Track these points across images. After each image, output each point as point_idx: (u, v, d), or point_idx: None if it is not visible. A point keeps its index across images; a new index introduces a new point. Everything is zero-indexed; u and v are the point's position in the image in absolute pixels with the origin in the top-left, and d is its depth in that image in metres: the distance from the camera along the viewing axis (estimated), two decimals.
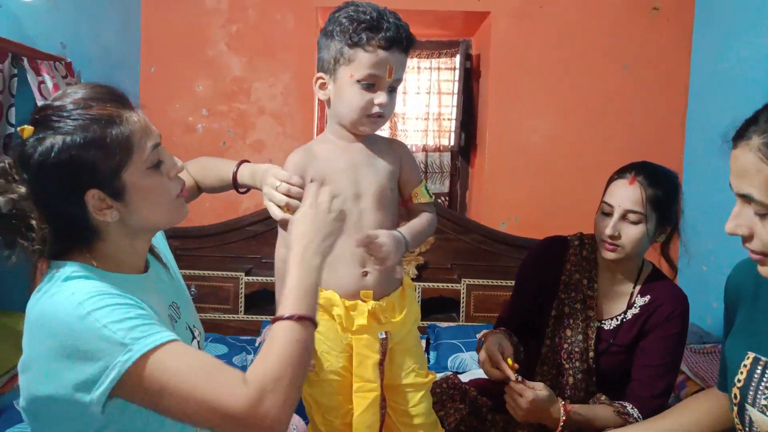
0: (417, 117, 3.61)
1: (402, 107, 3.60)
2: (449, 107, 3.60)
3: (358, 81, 1.28)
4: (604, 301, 1.60)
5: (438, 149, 3.56)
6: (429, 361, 2.46)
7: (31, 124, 0.93)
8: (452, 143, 3.49)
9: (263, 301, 2.74)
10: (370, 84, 1.28)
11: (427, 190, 1.47)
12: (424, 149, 3.54)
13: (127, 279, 0.99)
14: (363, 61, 1.26)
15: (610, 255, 1.50)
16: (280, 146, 2.98)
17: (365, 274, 1.34)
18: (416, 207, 1.45)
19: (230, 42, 2.95)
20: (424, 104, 3.62)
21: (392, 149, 1.45)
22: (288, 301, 0.95)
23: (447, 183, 3.56)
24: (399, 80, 1.34)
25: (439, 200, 3.54)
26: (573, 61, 2.92)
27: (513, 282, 1.79)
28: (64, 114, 0.91)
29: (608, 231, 1.47)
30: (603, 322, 1.58)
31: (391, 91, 1.33)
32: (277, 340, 0.90)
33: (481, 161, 3.12)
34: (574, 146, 2.94)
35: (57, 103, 0.93)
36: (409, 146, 3.40)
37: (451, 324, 2.70)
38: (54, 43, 2.12)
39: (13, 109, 1.77)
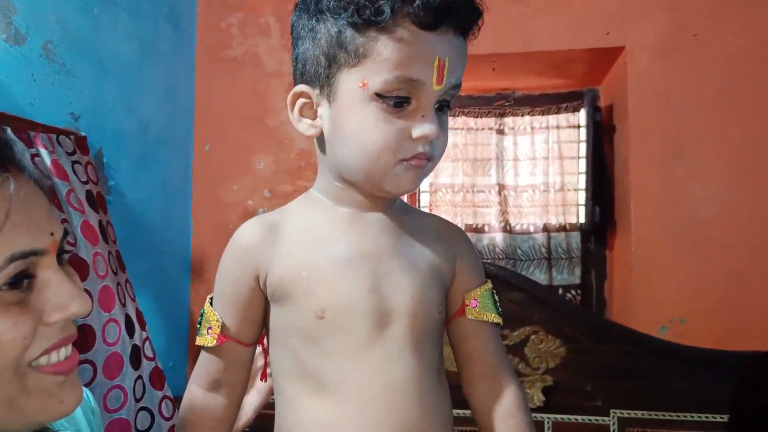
0: (534, 189, 3.12)
1: (513, 178, 3.12)
2: (574, 174, 3.09)
3: (379, 95, 0.77)
4: None
5: (563, 228, 3.03)
6: None
7: None
8: (582, 220, 2.95)
9: None
10: (401, 99, 0.78)
11: (495, 301, 0.93)
12: (546, 229, 3.02)
13: None
14: (386, 53, 0.76)
15: None
16: None
17: None
18: (468, 332, 0.92)
19: None
20: (542, 173, 3.12)
21: (441, 234, 0.94)
22: None
23: (577, 272, 2.99)
24: (457, 89, 0.83)
25: (569, 294, 2.96)
26: (745, 102, 2.35)
27: (693, 416, 1.22)
28: None
29: None
30: None
31: (441, 109, 0.83)
32: None
33: (625, 242, 2.56)
34: (762, 216, 2.32)
35: None
36: (526, 226, 2.75)
37: None
38: (60, 114, 1.83)
39: None
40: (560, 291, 2.93)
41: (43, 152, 1.62)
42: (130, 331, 1.84)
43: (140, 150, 2.29)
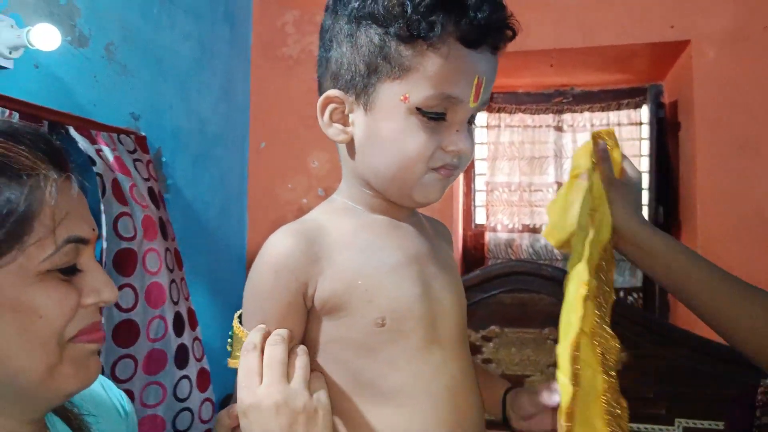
0: None
1: None
2: None
3: (420, 110, 0.77)
4: None
5: None
6: None
7: None
8: None
9: None
10: (439, 114, 0.78)
11: None
12: None
13: None
14: (432, 69, 0.75)
15: None
16: None
17: None
18: None
19: None
20: None
21: (445, 235, 0.99)
22: None
23: (639, 274, 2.90)
24: (485, 105, 0.83)
25: (630, 297, 2.88)
26: None
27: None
28: None
29: None
30: None
31: (470, 122, 0.84)
32: None
33: (691, 242, 2.47)
34: None
35: None
36: None
37: None
38: (120, 114, 1.87)
39: None
40: (621, 294, 2.85)
41: (106, 149, 1.66)
42: (179, 330, 1.86)
43: (198, 149, 2.32)
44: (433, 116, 0.77)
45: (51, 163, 0.66)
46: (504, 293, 2.27)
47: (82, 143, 1.58)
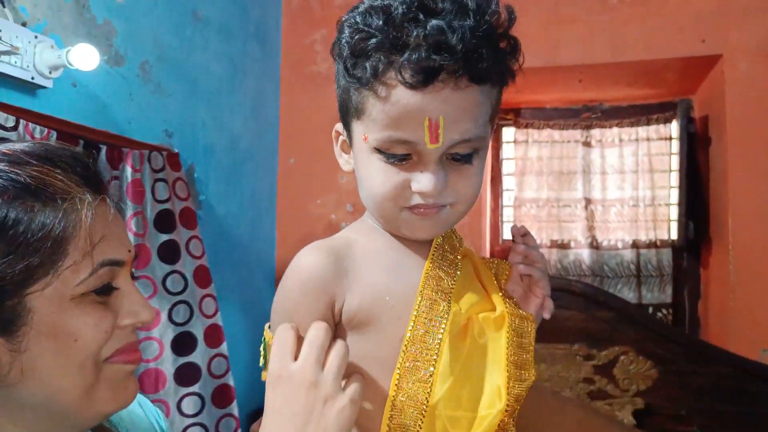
0: (622, 203, 3.02)
1: (600, 192, 3.03)
2: (665, 188, 2.97)
3: (379, 150, 0.75)
4: None
5: (654, 245, 2.90)
6: None
7: None
8: (674, 236, 2.83)
9: None
10: (402, 155, 0.75)
11: None
12: (635, 245, 2.90)
13: None
14: (375, 114, 0.74)
15: None
16: None
17: None
18: None
19: None
20: (631, 186, 3.01)
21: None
22: None
23: (669, 290, 2.86)
24: (466, 143, 0.75)
25: (660, 313, 2.84)
26: None
27: None
28: None
29: None
30: None
31: (459, 160, 0.77)
32: None
33: (722, 260, 2.44)
34: None
35: None
36: (614, 242, 2.71)
37: None
38: (155, 131, 1.91)
39: None
40: (650, 310, 2.82)
41: (128, 170, 1.70)
42: (182, 350, 1.90)
43: (229, 165, 2.36)
44: (394, 157, 0.75)
45: (86, 186, 0.67)
46: None
47: (104, 170, 1.63)
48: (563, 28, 2.50)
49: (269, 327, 0.84)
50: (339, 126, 0.84)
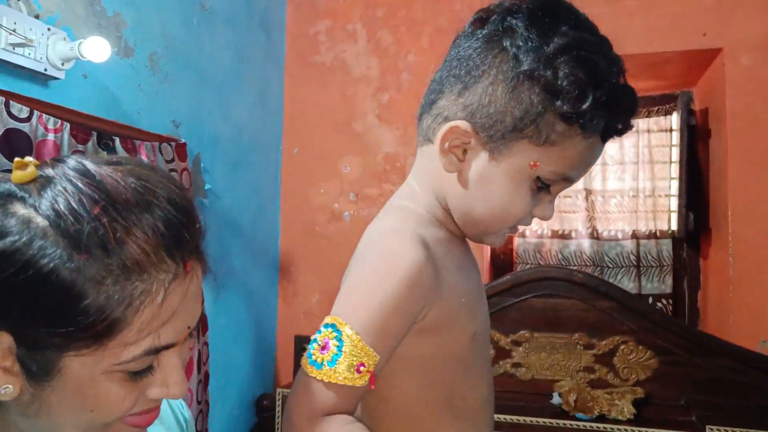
0: (622, 194, 3.04)
1: (601, 183, 3.05)
2: (666, 180, 2.99)
3: (539, 178, 0.80)
4: None
5: (654, 236, 2.93)
6: None
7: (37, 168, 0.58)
8: (674, 227, 2.85)
9: None
10: (547, 185, 0.81)
11: None
12: (635, 236, 2.93)
13: None
14: (571, 152, 0.78)
15: None
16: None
17: None
18: None
19: (381, 113, 2.68)
20: (631, 177, 3.03)
21: None
22: None
23: (668, 281, 2.89)
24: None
25: (660, 304, 2.87)
26: None
27: None
28: (69, 207, 0.55)
29: None
30: None
31: None
32: None
33: (721, 252, 2.47)
34: None
35: (76, 179, 0.56)
36: (614, 232, 2.76)
37: None
38: (163, 121, 1.93)
39: None
40: (650, 300, 2.85)
41: (145, 162, 1.72)
42: None
43: (234, 154, 2.38)
44: (543, 185, 0.81)
45: (173, 251, 0.58)
46: (535, 298, 2.29)
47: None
48: None
49: (345, 322, 0.75)
50: (462, 125, 0.80)
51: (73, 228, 0.54)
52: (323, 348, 0.74)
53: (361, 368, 0.73)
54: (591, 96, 0.74)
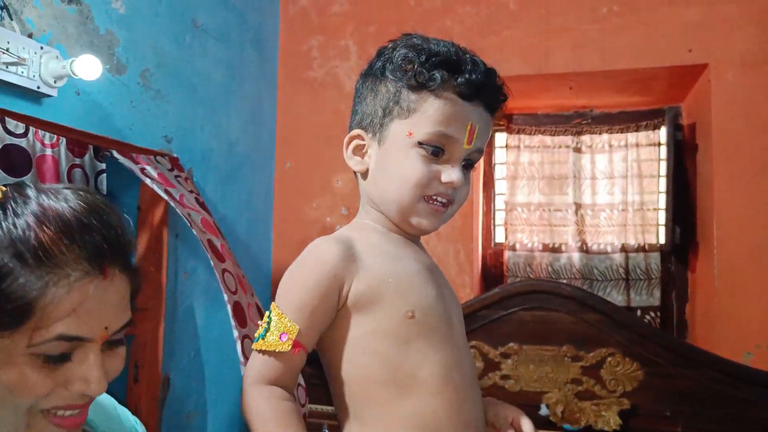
0: (611, 208, 3.07)
1: (590, 197, 3.08)
2: (654, 193, 3.02)
3: (421, 143, 0.95)
4: None
5: (642, 249, 2.96)
6: None
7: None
8: (662, 241, 2.88)
9: None
10: (437, 149, 0.96)
11: None
12: (623, 249, 2.96)
13: None
14: (432, 111, 0.95)
15: None
16: (432, 251, 2.60)
17: None
18: None
19: None
20: (620, 191, 3.07)
21: None
22: None
23: (657, 294, 2.91)
24: (480, 153, 1.02)
25: (648, 316, 2.90)
26: None
27: None
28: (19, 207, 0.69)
29: None
30: None
31: (466, 167, 1.01)
32: None
33: (707, 265, 2.49)
34: None
35: (38, 196, 0.71)
36: (604, 246, 2.80)
37: None
38: (154, 137, 1.96)
39: None
40: (638, 313, 2.87)
41: (149, 168, 1.75)
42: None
43: (227, 169, 2.41)
44: (432, 150, 0.95)
45: (92, 259, 0.69)
46: (524, 311, 2.31)
47: (128, 164, 1.67)
48: (554, 37, 2.56)
49: (276, 305, 0.95)
50: (354, 132, 1.02)
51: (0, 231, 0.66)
52: (262, 327, 0.94)
53: (284, 337, 0.91)
54: (417, 61, 0.94)
